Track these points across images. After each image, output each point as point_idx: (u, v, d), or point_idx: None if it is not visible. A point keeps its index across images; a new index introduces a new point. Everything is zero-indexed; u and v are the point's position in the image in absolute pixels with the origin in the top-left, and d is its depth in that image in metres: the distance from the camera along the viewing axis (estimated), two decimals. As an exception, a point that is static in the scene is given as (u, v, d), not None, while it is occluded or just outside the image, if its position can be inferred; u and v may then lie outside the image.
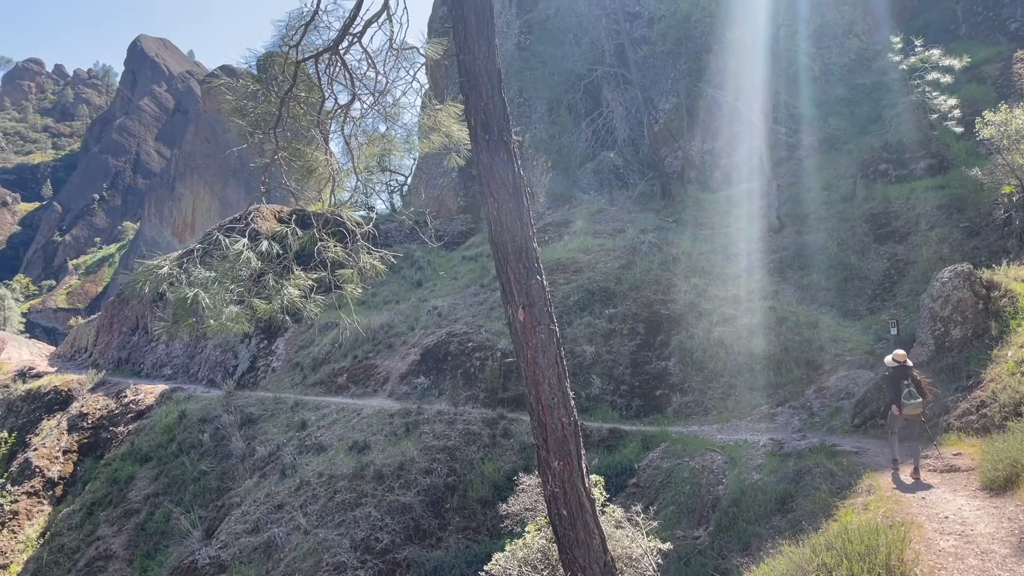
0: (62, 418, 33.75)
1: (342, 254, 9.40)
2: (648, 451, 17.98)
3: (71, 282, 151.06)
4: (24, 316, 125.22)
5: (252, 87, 9.03)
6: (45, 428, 33.71)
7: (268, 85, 8.99)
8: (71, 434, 32.21)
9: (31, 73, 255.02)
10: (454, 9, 8.36)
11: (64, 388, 36.85)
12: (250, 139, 8.90)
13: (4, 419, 35.78)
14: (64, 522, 26.50)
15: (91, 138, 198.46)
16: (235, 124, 8.89)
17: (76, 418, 33.21)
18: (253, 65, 9.84)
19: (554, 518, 8.36)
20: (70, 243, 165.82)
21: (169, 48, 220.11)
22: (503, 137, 8.36)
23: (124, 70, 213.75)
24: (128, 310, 45.10)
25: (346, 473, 20.15)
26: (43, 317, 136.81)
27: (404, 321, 30.91)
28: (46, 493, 29.35)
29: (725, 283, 25.98)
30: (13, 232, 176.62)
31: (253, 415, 27.21)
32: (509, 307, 8.49)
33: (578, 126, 42.12)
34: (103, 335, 46.78)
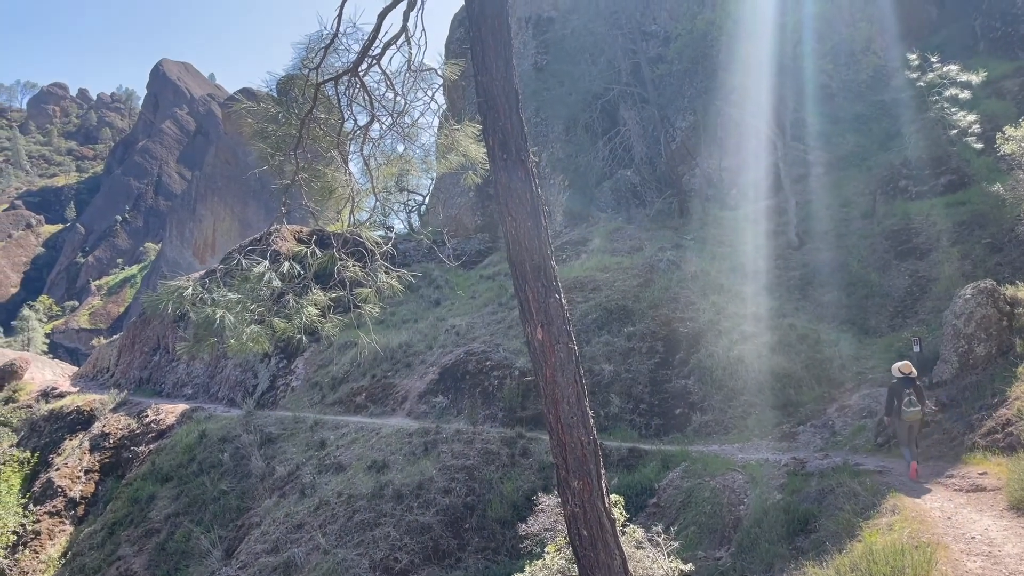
0: (84, 438, 34.00)
1: (361, 274, 9.46)
2: (668, 470, 17.83)
3: (93, 303, 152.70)
4: (47, 337, 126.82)
5: (273, 110, 9.15)
6: (67, 448, 33.95)
7: (288, 107, 9.11)
8: (93, 454, 32.43)
9: (56, 97, 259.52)
10: (472, 31, 8.44)
11: (86, 408, 37.13)
12: (271, 161, 9.01)
13: (27, 439, 36.08)
14: (85, 542, 26.63)
15: (114, 161, 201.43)
16: (256, 146, 9.01)
17: (98, 438, 33.43)
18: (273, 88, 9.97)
19: (574, 538, 8.31)
20: (93, 264, 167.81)
21: (190, 71, 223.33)
22: (521, 157, 8.41)
23: (147, 93, 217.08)
24: (149, 330, 45.49)
25: (365, 493, 20.13)
26: (66, 338, 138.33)
27: (422, 340, 30.96)
28: (68, 513, 29.52)
29: (744, 301, 25.85)
30: (37, 254, 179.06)
31: (273, 434, 27.29)
32: (527, 326, 8.49)
33: (595, 145, 42.21)
34: (125, 355, 47.19)
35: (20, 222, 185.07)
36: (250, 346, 8.45)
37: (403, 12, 9.22)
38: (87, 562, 25.25)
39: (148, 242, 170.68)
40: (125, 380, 44.45)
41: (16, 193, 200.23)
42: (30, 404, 40.53)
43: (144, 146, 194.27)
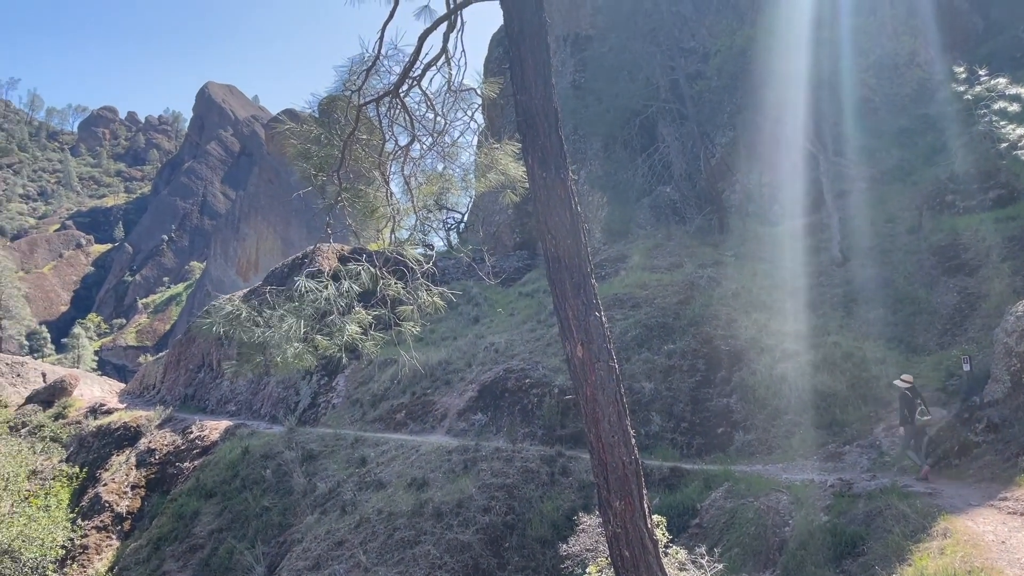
0: (131, 454, 34.62)
1: (403, 291, 9.54)
2: (710, 491, 17.57)
3: (140, 320, 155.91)
4: (96, 354, 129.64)
5: (316, 131, 9.30)
6: (115, 463, 34.59)
7: (331, 129, 9.25)
8: (139, 470, 33.00)
9: (105, 120, 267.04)
10: (511, 51, 8.51)
11: (133, 424, 37.82)
12: (315, 181, 9.15)
13: (76, 454, 36.82)
14: (131, 557, 27.04)
15: (161, 181, 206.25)
16: (300, 167, 9.17)
17: (144, 454, 34.03)
18: (315, 109, 10.13)
19: (616, 559, 8.23)
20: (140, 283, 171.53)
21: (235, 94, 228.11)
22: (560, 175, 8.43)
23: (192, 116, 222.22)
24: (194, 348, 46.27)
25: (405, 510, 20.17)
26: (114, 355, 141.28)
27: (461, 357, 31.02)
28: (115, 528, 30.03)
29: (787, 318, 25.47)
30: (87, 272, 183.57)
31: (314, 451, 27.51)
32: (567, 343, 8.48)
33: (634, 161, 42.11)
34: (170, 372, 48.03)
35: (71, 242, 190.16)
36: (295, 363, 8.56)
37: (443, 34, 9.34)
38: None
39: (193, 261, 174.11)
40: (170, 397, 45.22)
41: (67, 213, 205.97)
42: (79, 420, 41.38)
43: (190, 167, 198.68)
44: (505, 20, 8.60)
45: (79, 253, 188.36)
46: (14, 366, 51.06)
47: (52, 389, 46.06)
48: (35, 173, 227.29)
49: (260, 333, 8.02)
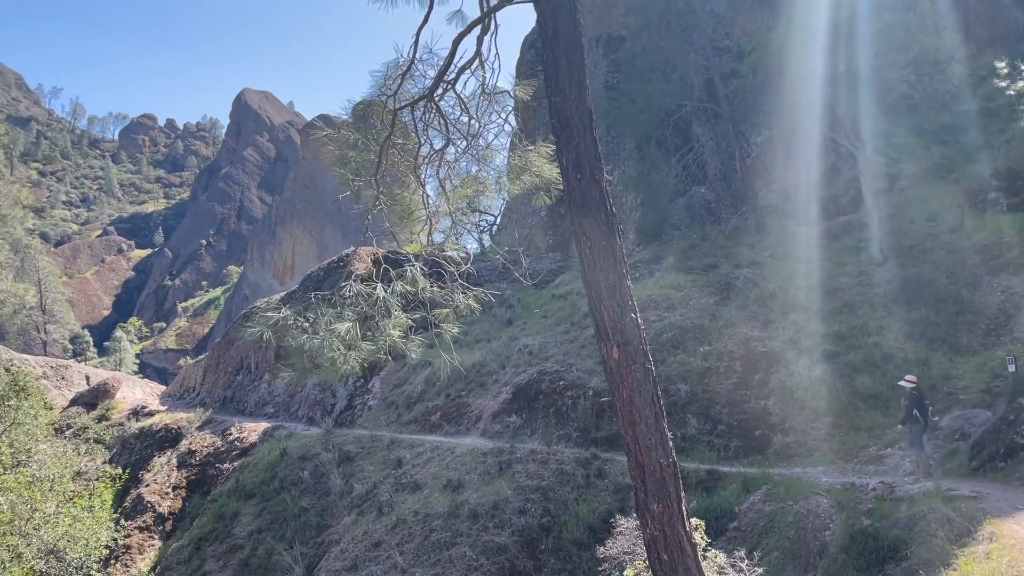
0: (172, 455, 35.20)
1: (440, 294, 9.57)
2: (749, 494, 17.38)
3: (180, 324, 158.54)
4: (137, 357, 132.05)
5: (352, 137, 9.38)
6: (156, 465, 35.19)
7: (367, 134, 9.31)
8: (180, 471, 33.54)
9: (145, 128, 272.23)
10: (545, 53, 8.50)
11: (174, 426, 38.45)
12: (351, 186, 9.22)
13: (119, 455, 37.51)
14: (173, 556, 27.48)
15: (199, 187, 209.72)
16: (337, 173, 9.25)
17: (185, 455, 34.58)
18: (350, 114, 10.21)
19: (654, 562, 8.17)
20: (179, 287, 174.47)
21: (270, 100, 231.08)
22: (595, 176, 8.40)
23: (229, 122, 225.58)
24: (233, 351, 46.90)
25: (441, 512, 20.24)
26: (154, 358, 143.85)
27: (495, 360, 31.06)
28: (157, 528, 30.55)
29: (825, 319, 25.11)
30: (128, 277, 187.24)
31: (351, 453, 27.73)
32: (603, 345, 8.43)
33: (668, 162, 41.84)
34: (210, 375, 48.74)
35: (112, 247, 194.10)
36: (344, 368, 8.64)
37: (477, 37, 9.36)
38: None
39: (231, 265, 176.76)
40: (210, 399, 45.88)
41: (108, 220, 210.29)
42: (122, 422, 42.15)
43: (227, 173, 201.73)
44: (539, 22, 8.60)
45: (120, 258, 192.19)
46: (59, 369, 52.17)
47: (96, 392, 47.00)
48: (78, 180, 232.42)
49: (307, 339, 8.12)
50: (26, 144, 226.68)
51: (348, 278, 9.43)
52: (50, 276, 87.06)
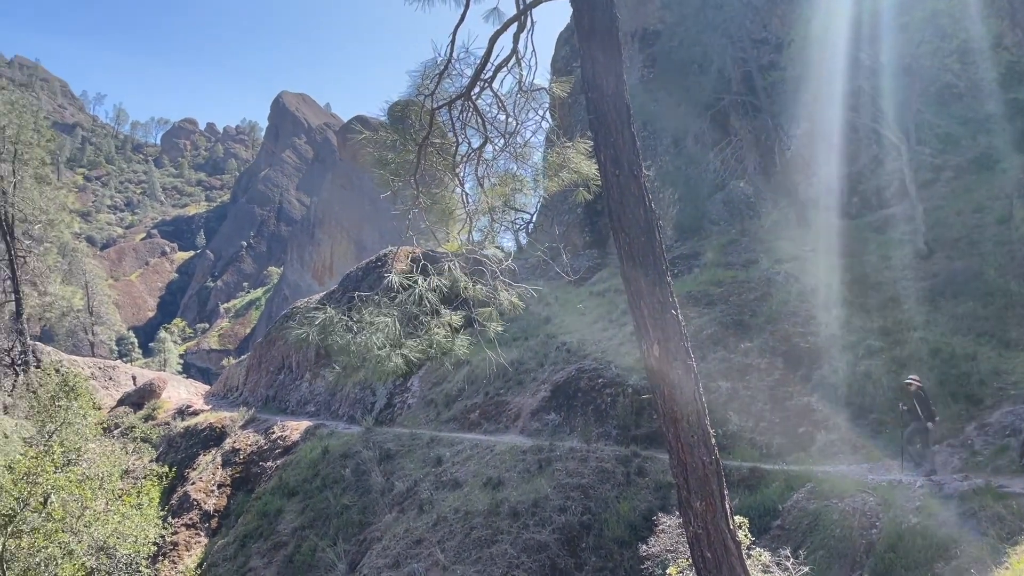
0: (216, 454, 35.81)
1: (483, 292, 9.59)
2: (792, 492, 17.14)
3: (222, 325, 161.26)
4: (181, 357, 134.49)
5: (391, 137, 9.42)
6: (201, 463, 35.83)
7: (405, 134, 9.35)
8: (224, 469, 34.12)
9: (186, 132, 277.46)
10: (582, 49, 8.46)
11: (218, 425, 39.11)
12: (391, 186, 9.28)
13: (165, 454, 38.26)
14: (219, 553, 27.97)
15: (239, 190, 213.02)
16: (376, 174, 9.30)
17: (229, 454, 35.16)
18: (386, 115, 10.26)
19: (697, 561, 8.09)
20: (221, 288, 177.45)
21: (307, 102, 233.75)
22: (633, 172, 8.34)
23: (268, 125, 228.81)
24: (274, 351, 47.54)
25: (481, 510, 20.30)
26: (198, 358, 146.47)
27: (533, 357, 31.03)
28: (203, 525, 31.11)
29: (870, 314, 24.63)
30: (171, 279, 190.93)
31: (391, 451, 27.94)
32: (644, 342, 8.38)
33: (705, 156, 41.42)
34: (252, 374, 49.46)
35: (156, 250, 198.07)
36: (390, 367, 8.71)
37: (513, 34, 9.34)
38: (221, 573, 26.51)
39: (271, 266, 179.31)
40: (253, 398, 46.57)
41: (152, 223, 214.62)
42: (167, 421, 42.99)
43: (266, 175, 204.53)
44: (575, 18, 8.56)
45: (164, 261, 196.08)
46: (106, 370, 53.39)
47: (142, 392, 48.01)
48: (122, 184, 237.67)
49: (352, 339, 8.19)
50: (72, 150, 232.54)
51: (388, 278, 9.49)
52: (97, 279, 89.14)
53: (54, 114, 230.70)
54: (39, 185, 45.87)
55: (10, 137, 42.76)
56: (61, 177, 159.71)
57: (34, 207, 45.12)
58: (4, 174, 42.67)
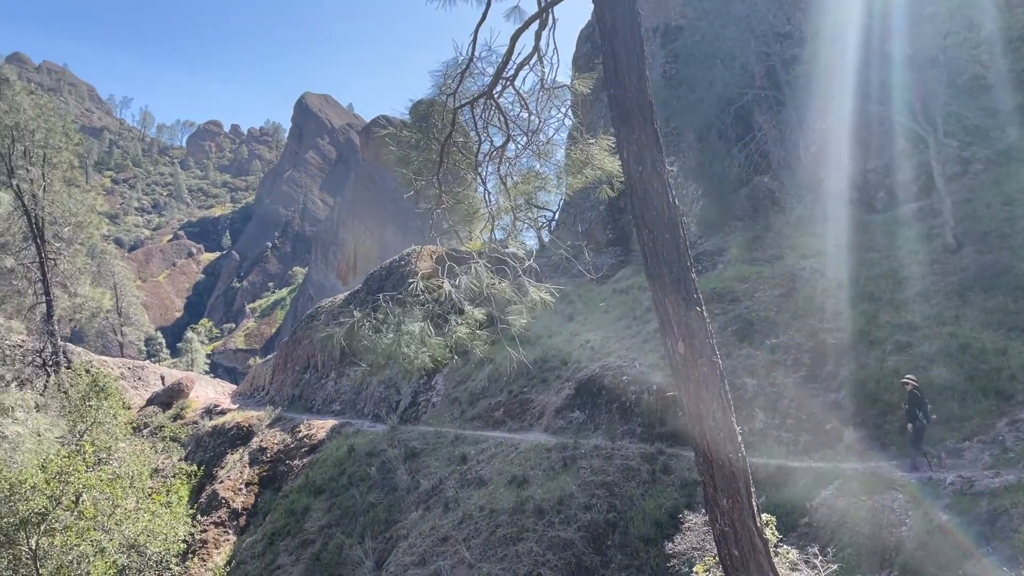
0: (244, 452, 36.17)
1: (506, 290, 9.61)
2: (820, 489, 17.00)
3: (248, 324, 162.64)
4: (208, 357, 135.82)
5: (414, 136, 9.46)
6: (229, 462, 36.20)
7: (428, 133, 9.38)
8: (252, 467, 34.46)
9: (211, 134, 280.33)
10: (604, 45, 8.43)
11: (245, 424, 39.49)
12: (414, 185, 9.31)
13: (193, 453, 38.70)
14: (247, 551, 28.25)
15: (263, 190, 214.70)
16: (399, 173, 9.34)
17: (256, 452, 35.49)
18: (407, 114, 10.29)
19: (724, 558, 8.05)
20: (247, 288, 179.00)
21: (330, 103, 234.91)
22: (657, 168, 8.30)
23: (291, 126, 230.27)
24: (300, 350, 47.91)
25: (507, 507, 20.33)
26: (224, 358, 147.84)
27: (557, 355, 31.01)
28: (231, 523, 31.44)
29: (897, 309, 24.34)
30: (198, 280, 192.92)
31: (416, 449, 28.05)
32: (668, 339, 8.35)
33: (729, 152, 41.14)
34: (278, 374, 49.88)
35: (183, 251, 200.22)
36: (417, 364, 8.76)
37: (535, 32, 9.34)
38: (250, 570, 26.77)
39: (296, 266, 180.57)
40: (279, 397, 46.97)
41: (178, 224, 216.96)
42: (196, 420, 43.48)
43: (290, 176, 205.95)
44: (597, 15, 8.53)
45: (190, 262, 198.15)
46: (135, 370, 54.10)
47: (170, 391, 48.58)
48: (148, 187, 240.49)
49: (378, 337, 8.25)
50: (99, 153, 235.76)
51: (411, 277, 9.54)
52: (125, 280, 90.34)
53: (82, 118, 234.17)
54: (68, 188, 46.56)
55: (39, 141, 43.43)
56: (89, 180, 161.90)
57: (64, 210, 45.81)
58: (34, 178, 43.34)
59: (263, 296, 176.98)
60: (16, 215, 42.84)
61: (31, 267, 44.88)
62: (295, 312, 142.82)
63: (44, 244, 44.12)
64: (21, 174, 42.69)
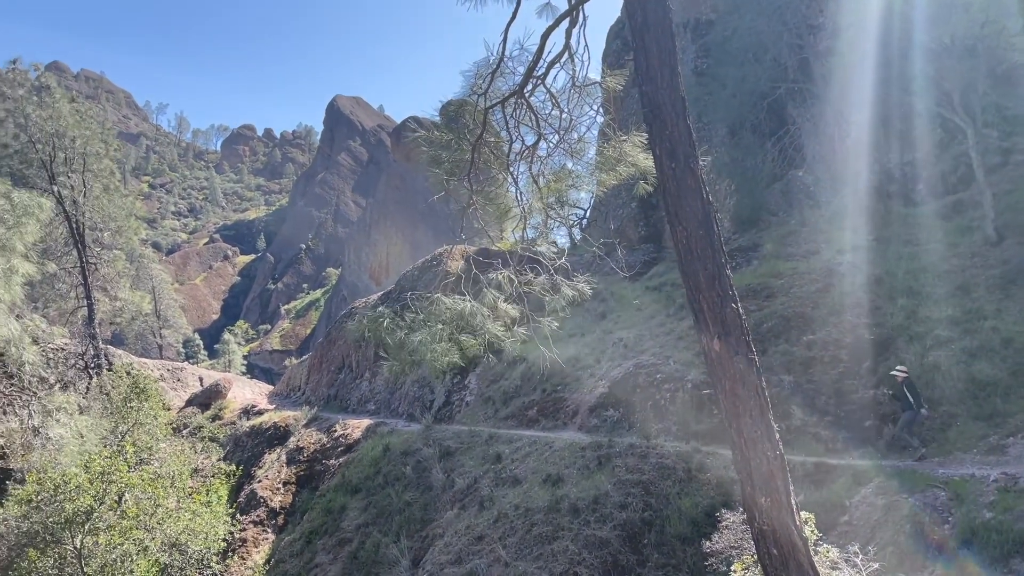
0: (281, 452, 36.60)
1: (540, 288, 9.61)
2: (859, 487, 16.75)
3: (283, 326, 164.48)
4: (244, 358, 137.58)
5: (445, 137, 9.50)
6: (267, 461, 36.65)
7: (460, 134, 9.41)
8: (289, 467, 34.86)
9: (245, 138, 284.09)
10: (635, 42, 8.39)
11: (282, 424, 39.96)
12: (446, 186, 9.35)
13: (232, 453, 39.25)
14: (286, 550, 28.59)
15: (297, 193, 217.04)
16: (431, 173, 9.39)
17: (293, 452, 35.90)
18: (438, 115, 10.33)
19: (763, 557, 7.97)
20: (282, 290, 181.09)
21: (361, 105, 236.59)
22: (690, 164, 8.25)
23: (323, 129, 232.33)
24: (335, 350, 48.36)
25: (542, 506, 20.32)
26: (260, 359, 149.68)
27: (590, 354, 30.94)
28: (269, 522, 31.84)
29: (937, 303, 23.89)
30: (234, 282, 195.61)
31: (451, 448, 28.17)
32: (703, 337, 8.29)
33: (762, 146, 40.69)
34: (314, 374, 50.39)
35: (219, 254, 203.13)
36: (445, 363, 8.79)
37: (566, 30, 9.32)
38: (289, 569, 27.08)
39: (329, 267, 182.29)
40: (315, 397, 47.46)
41: (214, 228, 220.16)
42: (233, 421, 44.09)
43: (323, 178, 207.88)
44: (627, 11, 8.49)
45: (226, 264, 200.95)
46: (174, 371, 54.98)
47: (209, 392, 49.30)
48: (185, 191, 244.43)
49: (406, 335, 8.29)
50: (137, 159, 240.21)
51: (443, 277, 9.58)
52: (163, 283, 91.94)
53: (119, 124, 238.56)
54: (107, 194, 47.42)
55: (79, 148, 44.29)
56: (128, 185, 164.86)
57: (103, 215, 46.71)
58: (74, 184, 44.22)
59: (297, 297, 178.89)
60: (57, 221, 43.71)
61: (72, 272, 45.79)
62: (329, 313, 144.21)
63: (85, 249, 45.00)
64: (62, 181, 43.59)
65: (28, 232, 20.66)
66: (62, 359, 43.12)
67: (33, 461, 28.88)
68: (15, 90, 43.77)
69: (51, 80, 51.12)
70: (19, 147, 42.63)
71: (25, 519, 23.40)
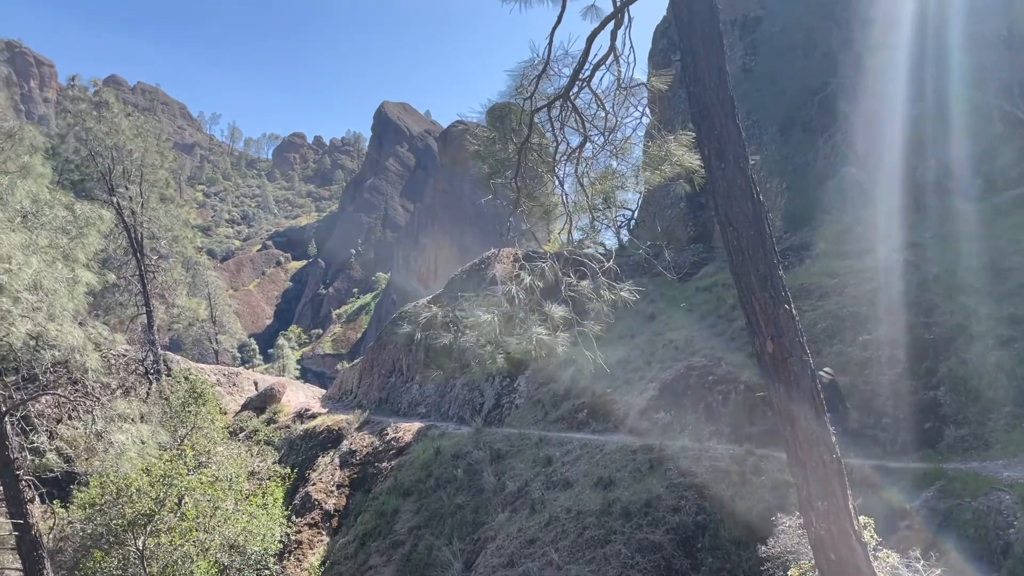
0: (334, 455, 37.09)
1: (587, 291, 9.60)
2: (920, 490, 16.33)
3: (335, 330, 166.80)
4: (298, 362, 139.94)
5: (491, 135, 9.55)
6: (321, 464, 37.17)
7: (506, 135, 9.46)
8: (343, 470, 35.31)
9: (295, 146, 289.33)
10: (682, 41, 8.33)
11: (335, 427, 40.49)
12: (492, 187, 9.39)
13: (287, 456, 39.89)
14: (340, 552, 28.96)
15: (347, 199, 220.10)
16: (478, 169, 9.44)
17: (346, 455, 36.36)
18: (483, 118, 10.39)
19: (821, 562, 7.84)
20: (333, 295, 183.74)
21: (408, 111, 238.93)
22: (739, 164, 8.16)
23: (371, 135, 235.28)
24: (385, 354, 48.83)
25: (593, 509, 20.24)
26: (313, 363, 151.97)
27: (640, 356, 30.73)
28: (324, 524, 32.28)
29: (999, 301, 23.16)
30: (286, 288, 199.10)
31: (501, 451, 28.22)
32: (756, 338, 8.18)
33: (814, 143, 39.97)
34: (365, 378, 50.96)
35: (271, 260, 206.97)
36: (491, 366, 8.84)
37: (611, 32, 9.29)
38: (343, 571, 27.43)
39: (379, 272, 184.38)
40: (366, 400, 47.97)
41: (267, 235, 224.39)
42: (288, 424, 44.81)
43: (372, 184, 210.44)
44: (674, 10, 8.44)
45: (279, 270, 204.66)
46: (230, 376, 56.11)
47: (263, 396, 50.19)
48: (238, 199, 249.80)
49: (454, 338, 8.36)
50: (191, 168, 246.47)
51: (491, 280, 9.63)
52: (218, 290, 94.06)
53: (174, 135, 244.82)
54: (164, 204, 48.68)
55: (136, 160, 45.55)
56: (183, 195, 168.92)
57: (160, 225, 47.95)
58: (133, 196, 45.49)
59: (348, 302, 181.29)
60: (117, 232, 44.96)
61: (132, 280, 47.06)
62: (379, 317, 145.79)
63: (143, 258, 46.23)
64: (121, 192, 44.87)
65: (90, 243, 21.31)
66: (123, 365, 44.34)
67: (96, 465, 29.73)
68: (76, 104, 45.19)
69: (110, 95, 52.65)
70: (80, 160, 44.00)
71: (89, 521, 24.17)
